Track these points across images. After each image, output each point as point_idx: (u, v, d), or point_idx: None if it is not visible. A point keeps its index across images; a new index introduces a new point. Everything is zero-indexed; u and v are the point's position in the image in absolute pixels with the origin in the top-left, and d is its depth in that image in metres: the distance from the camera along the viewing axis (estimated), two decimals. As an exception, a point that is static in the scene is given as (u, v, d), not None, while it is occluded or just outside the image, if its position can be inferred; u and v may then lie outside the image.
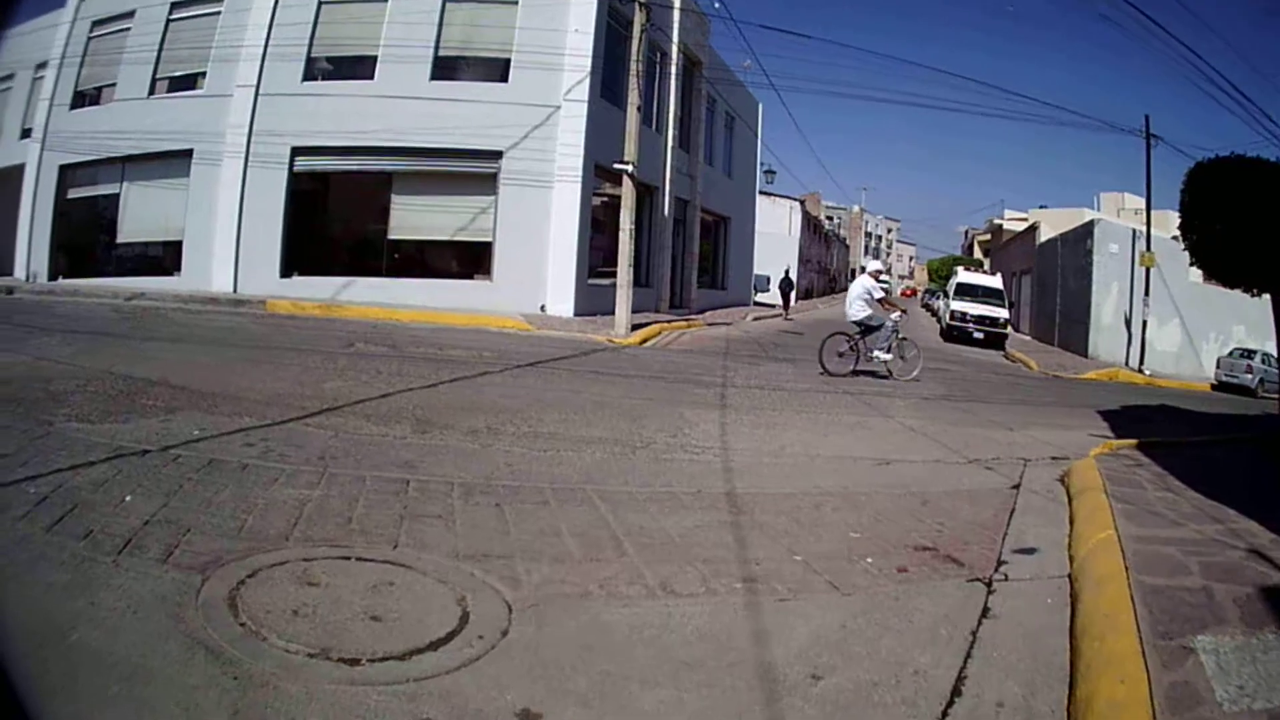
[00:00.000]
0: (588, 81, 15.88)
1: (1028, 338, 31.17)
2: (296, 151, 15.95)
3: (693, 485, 4.97)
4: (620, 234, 14.61)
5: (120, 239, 17.54)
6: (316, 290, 15.07)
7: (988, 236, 63.25)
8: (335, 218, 17.54)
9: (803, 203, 47.16)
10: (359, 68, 16.31)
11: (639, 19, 14.63)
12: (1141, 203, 40.21)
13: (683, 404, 7.93)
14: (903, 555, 4.08)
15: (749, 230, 31.76)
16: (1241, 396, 21.15)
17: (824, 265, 56.90)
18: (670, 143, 20.59)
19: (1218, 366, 23.90)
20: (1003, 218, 56.81)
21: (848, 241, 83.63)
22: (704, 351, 13.75)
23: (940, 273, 71.59)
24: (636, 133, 14.63)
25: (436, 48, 16.03)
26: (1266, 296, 9.26)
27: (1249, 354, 23.71)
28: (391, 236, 16.50)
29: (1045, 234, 33.81)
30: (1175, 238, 10.30)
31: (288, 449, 4.71)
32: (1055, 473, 6.32)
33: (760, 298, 34.23)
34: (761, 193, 37.02)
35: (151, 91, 17.19)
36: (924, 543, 4.29)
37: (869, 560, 3.93)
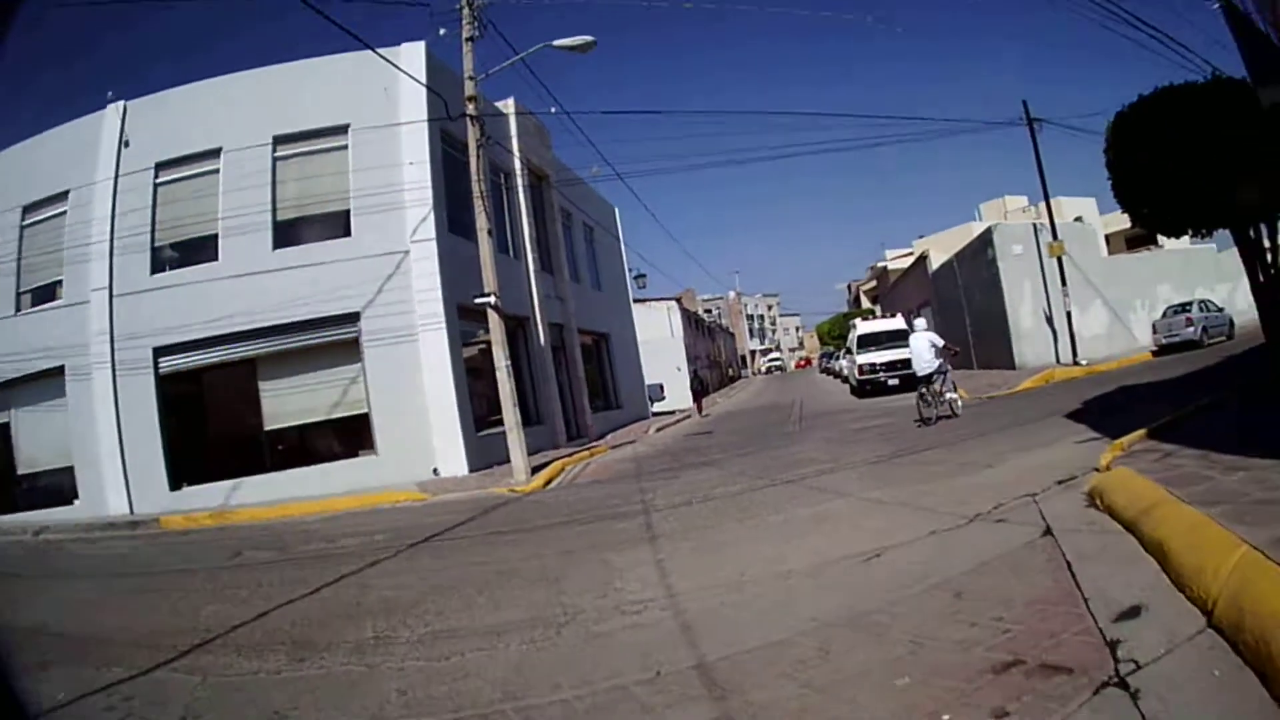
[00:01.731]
0: (433, 217, 15.54)
1: None
2: (159, 352, 15.52)
3: (646, 667, 3.97)
4: (497, 373, 14.03)
5: (20, 470, 16.83)
6: (208, 498, 14.54)
7: (873, 283, 65.59)
8: (212, 417, 16.89)
9: (679, 300, 48.12)
10: (203, 250, 15.84)
11: (473, 134, 14.53)
12: (1024, 201, 43.50)
13: (605, 548, 7.18)
14: (987, 689, 3.13)
15: (631, 342, 31.83)
16: (1189, 351, 21.78)
17: (713, 359, 57.88)
18: (532, 266, 20.39)
19: (1154, 331, 24.53)
20: (885, 259, 58.80)
21: (731, 329, 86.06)
22: (615, 478, 13.15)
23: (833, 334, 74.42)
24: (492, 260, 14.29)
25: (274, 212, 15.70)
26: (1196, 246, 10.02)
27: (1183, 307, 24.48)
28: (269, 427, 15.71)
29: (937, 260, 34.59)
30: (1078, 219, 10.77)
31: (150, 709, 4.34)
32: (1078, 499, 5.80)
33: (658, 407, 34.09)
34: (636, 300, 37.53)
35: (18, 308, 16.68)
36: (999, 657, 3.39)
37: (948, 719, 2.98)
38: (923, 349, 13.93)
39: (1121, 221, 37.82)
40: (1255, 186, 8.57)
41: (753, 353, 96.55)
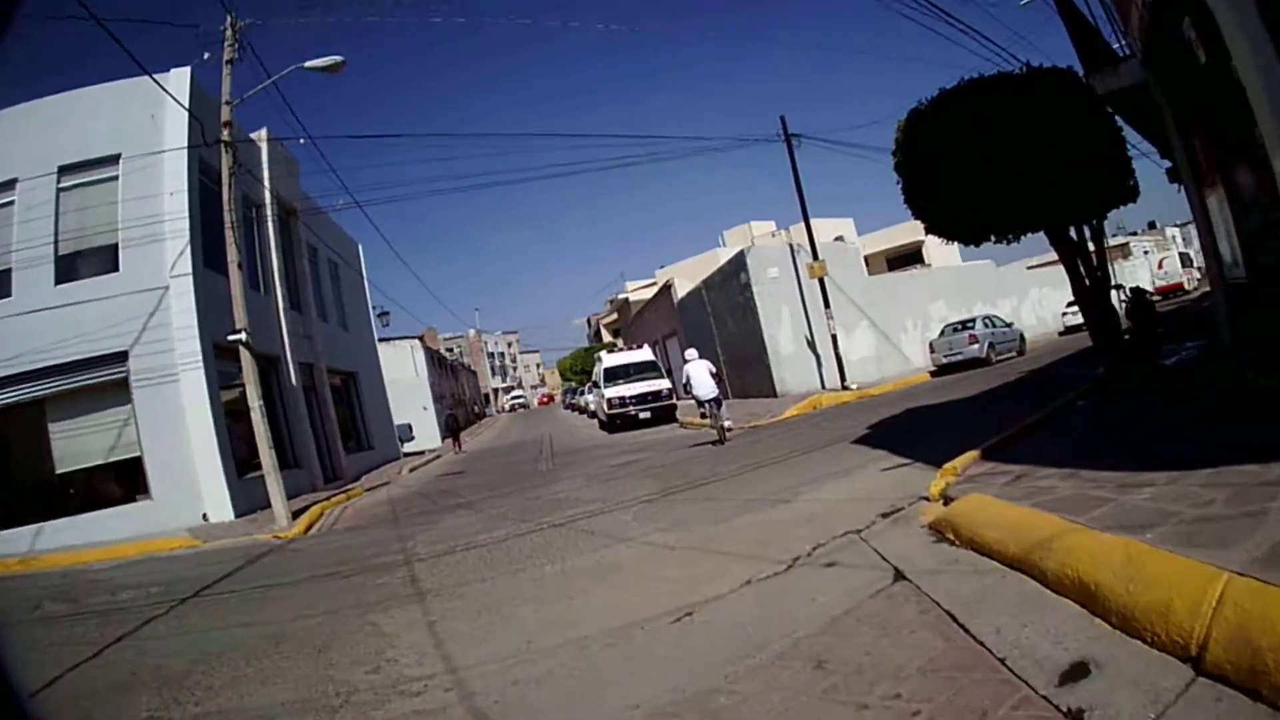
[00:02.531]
0: (189, 251, 15.34)
1: (691, 401, 31.31)
2: None
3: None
4: (251, 414, 14.12)
5: None
6: (15, 543, 13.82)
7: (614, 316, 65.56)
8: (15, 458, 15.91)
9: (422, 339, 48.08)
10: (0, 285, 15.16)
11: (227, 161, 14.71)
12: (771, 226, 44.90)
13: (371, 607, 6.60)
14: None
15: (378, 381, 31.70)
16: (975, 370, 21.72)
17: (458, 397, 58.01)
18: (281, 304, 20.26)
19: (932, 351, 24.29)
20: (626, 290, 58.79)
21: (473, 368, 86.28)
22: (373, 523, 13.32)
23: (574, 368, 75.17)
24: (243, 296, 14.47)
25: (56, 245, 15.23)
26: (973, 263, 10.16)
27: (966, 325, 24.37)
28: (60, 470, 15.16)
29: (683, 289, 34.45)
30: (839, 238, 11.20)
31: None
32: (919, 534, 5.48)
33: (408, 447, 34.07)
34: (380, 340, 37.19)
35: None
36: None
37: None
38: (704, 376, 15.31)
39: (881, 241, 41.87)
40: (1078, 182, 8.27)
41: (495, 390, 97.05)
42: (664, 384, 25.50)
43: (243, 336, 14.10)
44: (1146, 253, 64.58)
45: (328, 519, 14.83)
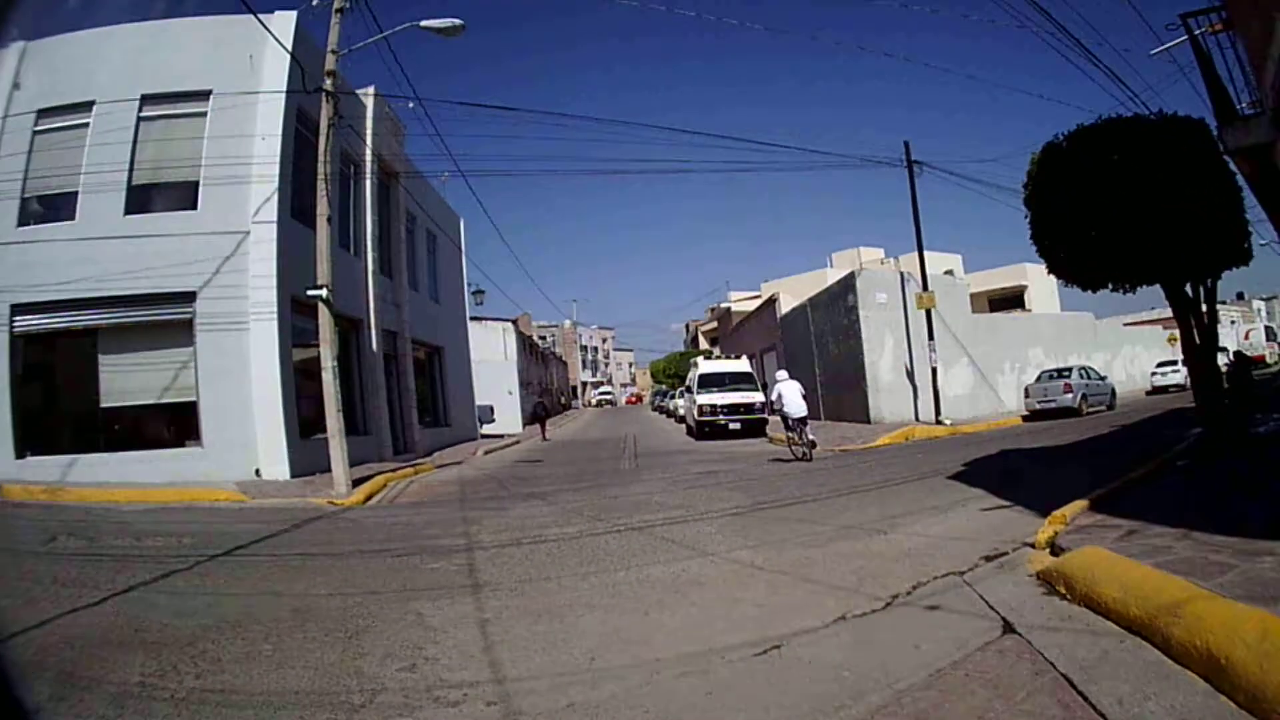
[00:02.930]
0: (276, 198, 15.02)
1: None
2: (16, 310, 14.56)
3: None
4: (323, 374, 13.57)
5: None
6: (46, 471, 13.68)
7: (713, 325, 65.68)
8: (59, 386, 15.96)
9: (515, 323, 48.02)
10: (65, 207, 15.00)
11: (326, 111, 14.23)
12: (880, 254, 44.69)
13: (418, 594, 6.00)
14: None
15: (465, 359, 31.49)
16: (1065, 419, 21.66)
17: (545, 385, 57.99)
18: (371, 266, 19.93)
19: (1027, 395, 24.31)
20: (729, 300, 58.52)
21: (564, 358, 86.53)
22: (438, 501, 12.86)
23: (668, 372, 75.16)
24: (329, 251, 13.96)
25: (130, 174, 14.92)
26: (1074, 313, 10.33)
27: (1062, 373, 24.38)
28: (106, 404, 14.86)
29: (787, 304, 33.86)
30: (949, 272, 11.35)
31: None
32: (1027, 583, 5.14)
33: (487, 429, 33.82)
34: (472, 318, 37.14)
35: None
36: None
37: None
38: (795, 394, 15.72)
39: (984, 282, 40.94)
40: (1204, 236, 8.21)
41: (584, 384, 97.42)
42: (758, 397, 24.89)
43: (323, 293, 13.62)
44: (1233, 322, 65.13)
45: (390, 491, 14.34)
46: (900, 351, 24.42)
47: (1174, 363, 35.67)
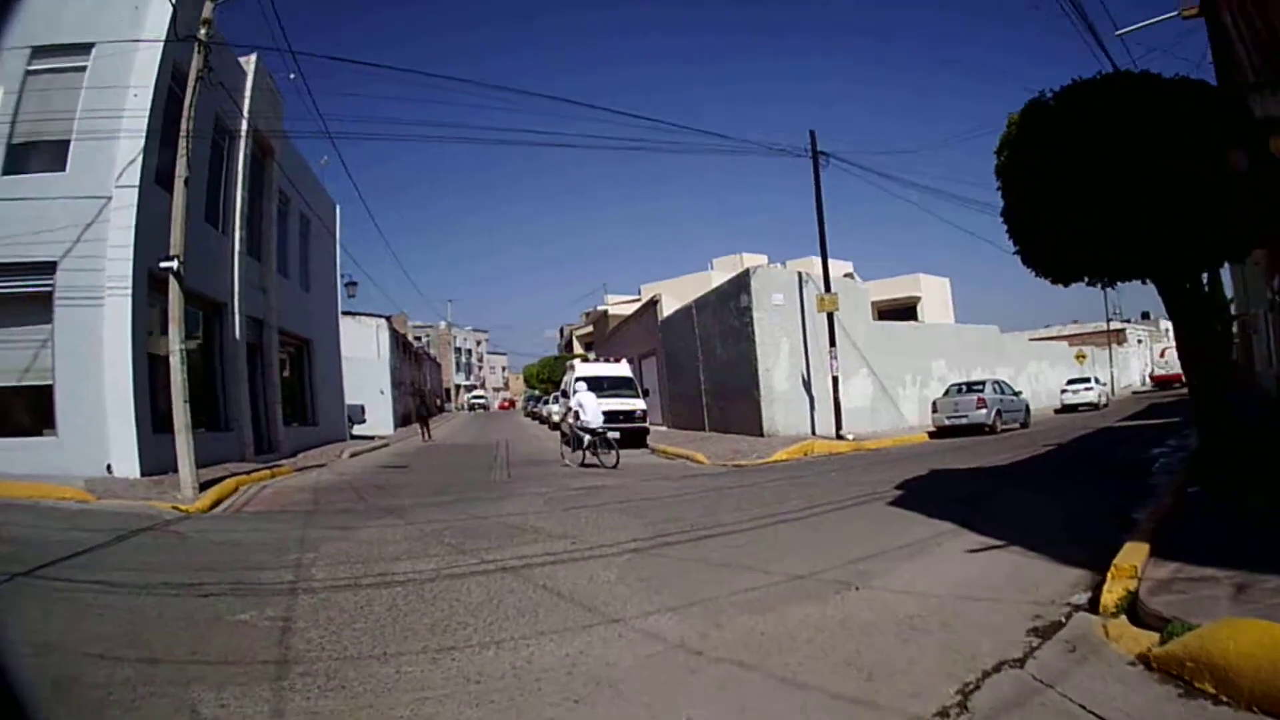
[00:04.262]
0: (140, 161, 13.72)
1: (664, 428, 30.29)
2: None
3: None
4: (170, 359, 12.44)
5: None
6: None
7: (589, 329, 64.13)
8: None
9: (390, 320, 46.28)
10: None
11: (196, 62, 13.20)
12: (763, 259, 43.14)
13: (205, 671, 4.35)
14: None
15: (335, 355, 29.96)
16: (974, 436, 20.81)
17: (419, 387, 56.14)
18: (238, 247, 18.55)
19: (934, 410, 23.32)
20: (606, 303, 56.84)
21: (438, 360, 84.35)
22: (285, 512, 11.71)
23: (540, 376, 74.09)
24: (184, 219, 12.87)
25: (11, 131, 13.62)
26: (976, 326, 9.05)
27: (974, 387, 23.50)
28: None
29: (670, 307, 32.79)
30: (849, 275, 10.18)
31: None
32: (1143, 682, 3.71)
33: (357, 430, 32.32)
34: (345, 313, 35.52)
35: None
36: None
37: None
38: (597, 405, 17.84)
39: (876, 292, 40.63)
40: (1219, 220, 7.07)
41: (458, 387, 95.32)
42: (639, 404, 24.18)
43: (174, 264, 12.47)
44: (1140, 341, 66.21)
45: (241, 496, 13.25)
46: (797, 359, 23.26)
47: (1085, 380, 36.20)
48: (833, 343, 21.55)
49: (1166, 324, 68.14)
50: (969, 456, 15.59)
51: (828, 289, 21.89)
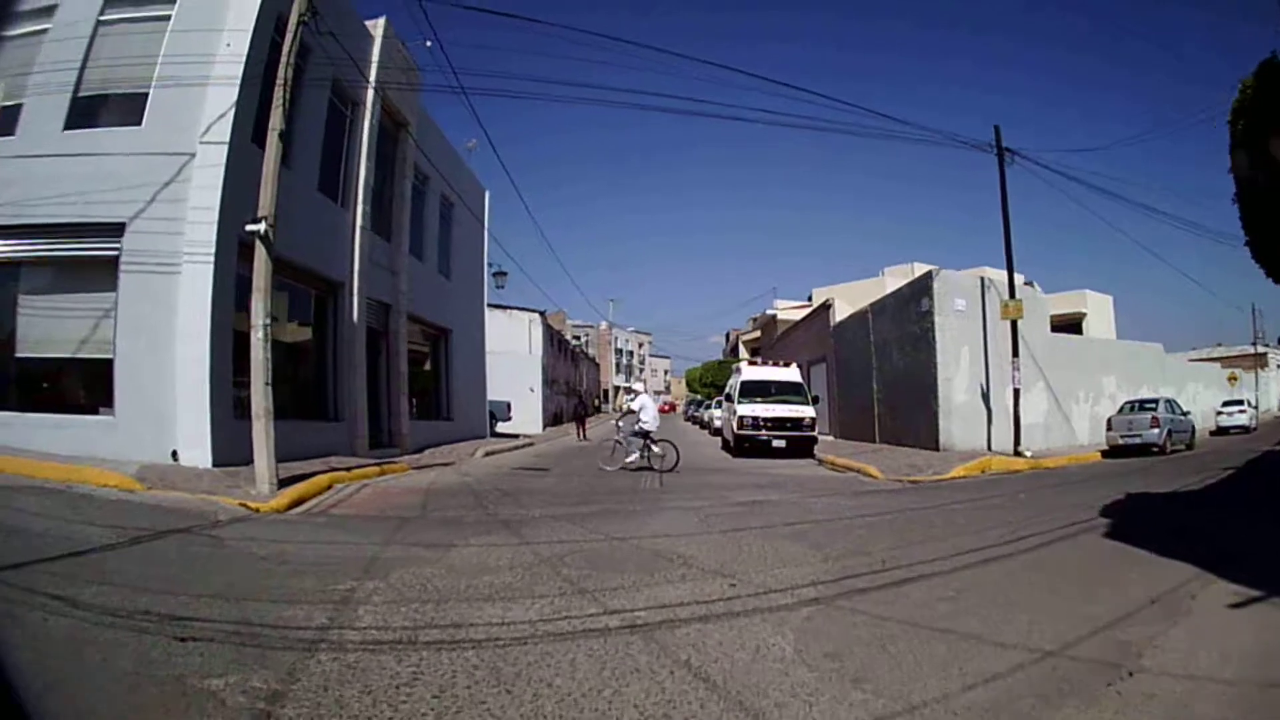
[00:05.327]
0: (232, 116, 12.40)
1: (830, 437, 29.02)
2: None
3: None
4: (252, 334, 10.80)
5: None
6: None
7: (756, 334, 63.29)
8: None
9: (543, 314, 45.42)
10: (10, 122, 12.78)
11: (298, 5, 11.53)
12: (933, 269, 41.23)
13: None
14: None
15: (478, 346, 28.80)
16: (1147, 457, 20.02)
17: (573, 385, 55.35)
18: (359, 222, 17.23)
19: (1109, 428, 22.30)
20: (775, 307, 55.78)
21: (597, 360, 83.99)
22: (375, 518, 9.78)
23: (704, 380, 74.57)
24: (276, 175, 11.25)
25: (78, 84, 12.63)
26: (1142, 343, 7.99)
27: (1146, 405, 22.54)
28: (20, 354, 12.57)
29: (843, 312, 31.55)
30: (1029, 283, 8.62)
31: None
32: None
33: (502, 427, 31.26)
34: (495, 306, 34.68)
35: None
36: None
37: None
38: (654, 410, 17.33)
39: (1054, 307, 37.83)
40: None
41: (617, 388, 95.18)
42: (808, 411, 22.60)
43: (261, 227, 10.92)
44: None
45: (331, 495, 11.52)
46: (976, 369, 21.56)
47: (1240, 403, 36.10)
48: (1015, 353, 19.96)
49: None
50: (1154, 479, 14.33)
51: (1012, 295, 20.31)
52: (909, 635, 4.74)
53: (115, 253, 12.07)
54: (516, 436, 30.03)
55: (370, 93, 17.41)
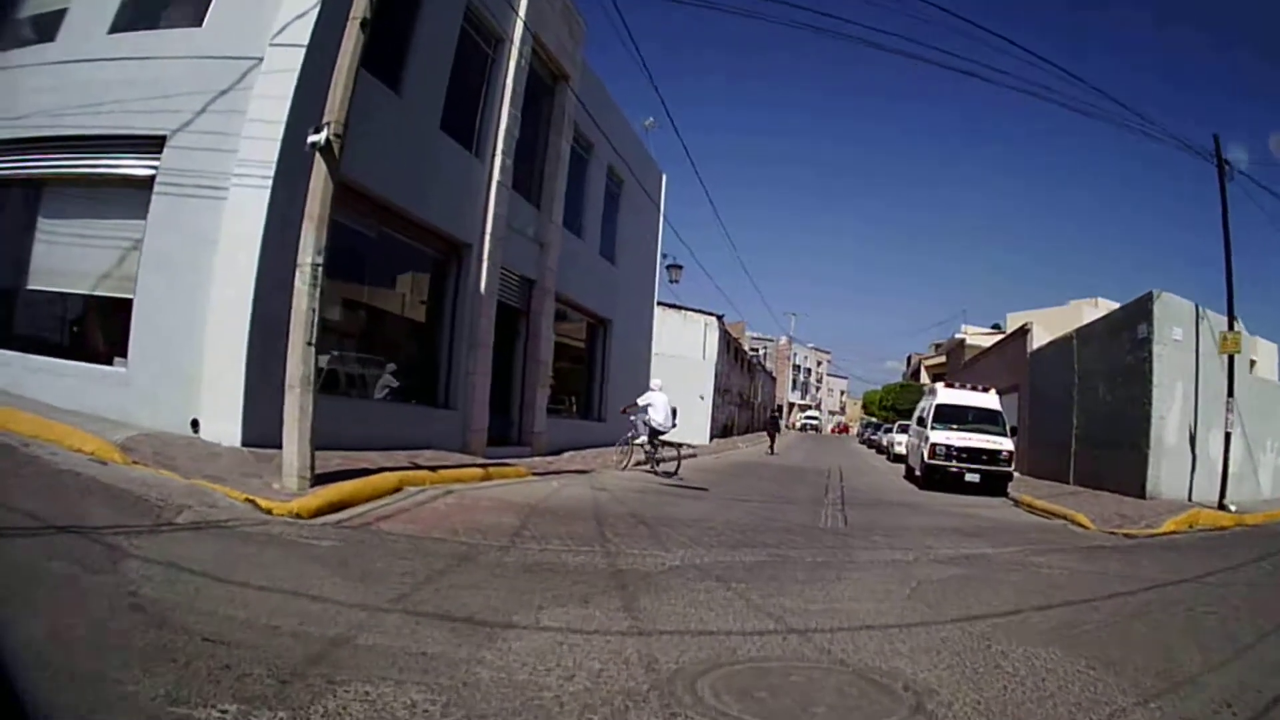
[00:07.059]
0: (315, 16, 9.56)
1: (1017, 474, 24.88)
2: None
3: None
4: (297, 272, 7.75)
5: None
6: None
7: (940, 360, 61.36)
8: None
9: (721, 318, 41.93)
10: (51, 26, 11.01)
11: None
12: (1116, 306, 36.66)
13: None
14: None
15: (642, 343, 25.65)
16: None
17: (745, 397, 51.60)
18: (497, 176, 14.28)
19: None
20: (963, 332, 53.95)
21: (774, 374, 79.77)
22: (430, 547, 6.49)
23: (884, 403, 72.30)
24: (352, 72, 8.15)
25: None
26: None
27: None
28: (32, 286, 10.68)
29: (1041, 338, 29.13)
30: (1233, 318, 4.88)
31: None
32: None
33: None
34: (668, 305, 31.64)
35: None
36: None
37: None
38: (667, 408, 16.09)
39: None
40: None
41: (792, 404, 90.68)
42: (1006, 444, 20.33)
43: (323, 136, 7.93)
44: None
45: (397, 500, 8.38)
46: (1187, 408, 18.65)
47: None
48: (1230, 392, 17.42)
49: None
50: None
51: (1231, 325, 17.82)
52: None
53: (152, 170, 9.59)
54: (678, 446, 26.75)
55: (518, 27, 14.50)
